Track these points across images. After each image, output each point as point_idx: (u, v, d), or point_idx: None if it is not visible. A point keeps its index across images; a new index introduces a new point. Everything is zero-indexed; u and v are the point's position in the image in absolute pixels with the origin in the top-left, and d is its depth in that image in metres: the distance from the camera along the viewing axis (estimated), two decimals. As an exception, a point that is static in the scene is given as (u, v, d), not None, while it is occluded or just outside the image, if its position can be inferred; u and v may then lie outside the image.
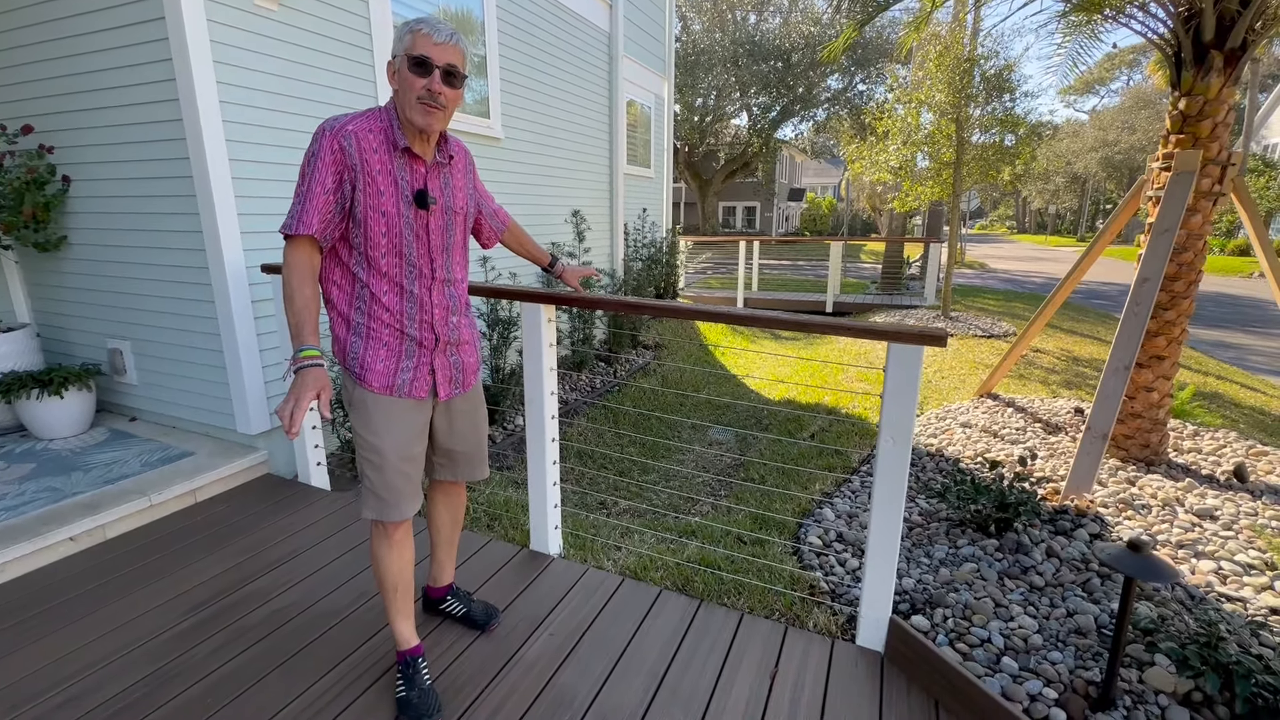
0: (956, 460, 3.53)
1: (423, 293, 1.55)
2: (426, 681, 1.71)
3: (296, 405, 1.32)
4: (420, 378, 1.58)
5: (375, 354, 1.52)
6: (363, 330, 1.52)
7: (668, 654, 1.95)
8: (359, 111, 1.48)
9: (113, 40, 2.78)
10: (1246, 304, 12.36)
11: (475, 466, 1.82)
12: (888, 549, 1.87)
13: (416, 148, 1.48)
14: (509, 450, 4.02)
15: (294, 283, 1.42)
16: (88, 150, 3.05)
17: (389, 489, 1.56)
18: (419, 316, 1.55)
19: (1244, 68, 2.95)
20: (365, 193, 1.43)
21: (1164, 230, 3.00)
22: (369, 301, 1.51)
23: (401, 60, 1.42)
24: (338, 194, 1.42)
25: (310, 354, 1.38)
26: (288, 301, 1.42)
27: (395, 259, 1.49)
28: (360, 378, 1.53)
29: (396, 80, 1.44)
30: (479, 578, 2.32)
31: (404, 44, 1.42)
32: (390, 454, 1.55)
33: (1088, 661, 1.84)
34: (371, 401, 1.53)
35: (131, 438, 3.17)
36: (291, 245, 1.43)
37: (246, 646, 1.93)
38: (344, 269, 1.52)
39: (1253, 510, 2.80)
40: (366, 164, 1.42)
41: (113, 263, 3.17)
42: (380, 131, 1.45)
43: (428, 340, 1.57)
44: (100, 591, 2.17)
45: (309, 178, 1.41)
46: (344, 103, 3.35)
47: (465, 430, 1.75)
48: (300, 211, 1.41)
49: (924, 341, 1.73)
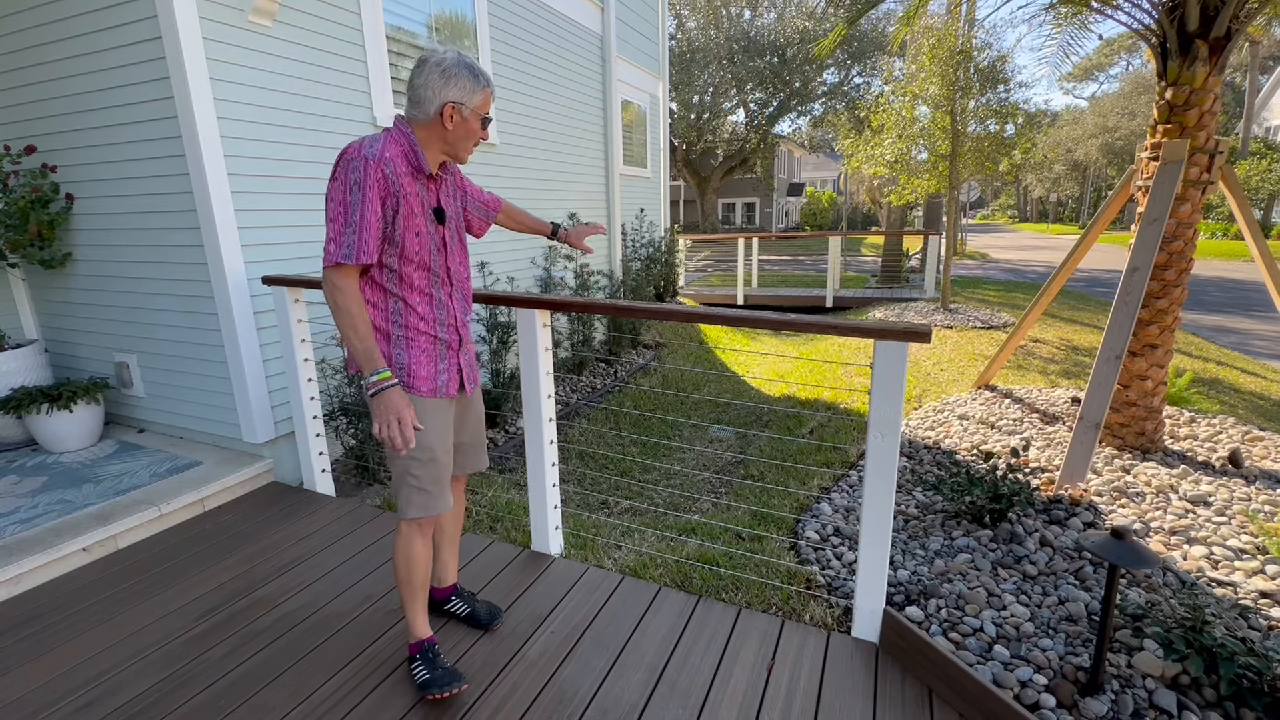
0: (953, 453, 3.57)
1: (447, 299, 1.69)
2: (446, 663, 1.79)
3: (402, 424, 1.48)
4: (452, 377, 1.72)
5: (419, 360, 1.64)
6: (402, 341, 1.63)
7: (666, 649, 1.99)
8: (381, 136, 1.53)
9: (110, 60, 2.84)
10: (1250, 288, 12.33)
11: (479, 456, 1.95)
12: (880, 541, 1.91)
13: (433, 170, 1.61)
14: (510, 453, 4.07)
15: (354, 309, 1.50)
16: (90, 169, 3.11)
17: (436, 482, 1.68)
18: (447, 320, 1.69)
19: (1229, 56, 2.97)
20: (403, 215, 1.53)
21: (1153, 220, 3.03)
22: (404, 313, 1.62)
23: (472, 114, 1.55)
24: (382, 219, 1.51)
25: (386, 375, 1.50)
26: (351, 330, 1.49)
27: (424, 271, 1.62)
28: (410, 385, 1.63)
29: (455, 123, 1.54)
30: (482, 578, 2.37)
31: (475, 100, 1.54)
32: (438, 450, 1.68)
33: (1078, 648, 1.88)
34: (420, 405, 1.64)
35: (140, 449, 3.23)
36: (344, 273, 1.50)
37: (257, 650, 1.99)
38: (375, 287, 1.60)
39: (1246, 496, 2.83)
40: (403, 189, 1.52)
41: (117, 278, 3.23)
42: (403, 157, 1.54)
43: (454, 341, 1.72)
44: (113, 600, 2.22)
45: (359, 206, 1.46)
46: (340, 114, 3.40)
47: (472, 421, 1.89)
48: (358, 241, 1.47)
49: (909, 338, 1.77)
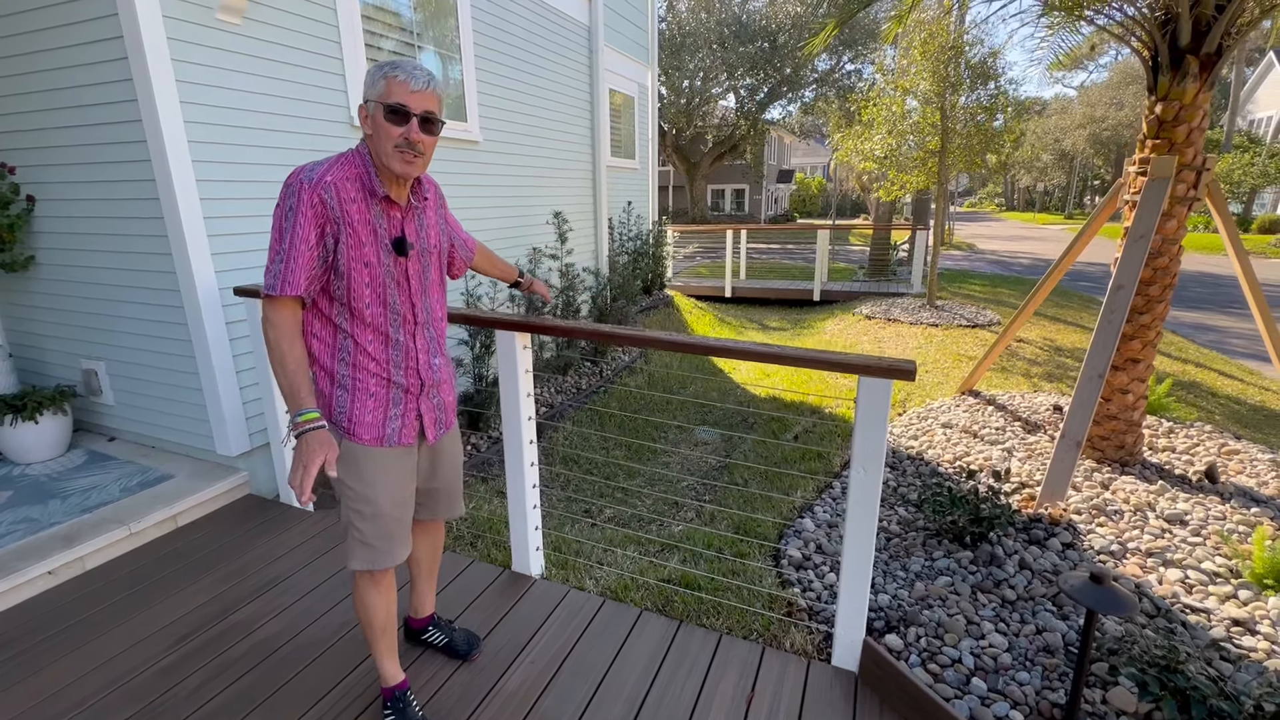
0: (935, 465, 3.58)
1: (407, 339, 1.53)
2: (418, 713, 1.75)
3: (305, 473, 1.31)
4: (408, 424, 1.57)
5: (363, 406, 1.50)
6: (348, 382, 1.49)
7: (647, 678, 1.98)
8: (332, 159, 1.42)
9: (69, 59, 2.71)
10: (1228, 284, 12.50)
11: (454, 503, 1.83)
12: (861, 573, 1.91)
13: (393, 193, 1.44)
14: (494, 457, 4.03)
15: (284, 345, 1.38)
16: (52, 170, 2.98)
17: (383, 537, 1.56)
18: (404, 363, 1.54)
19: (1219, 74, 2.95)
20: (347, 244, 1.39)
21: (1139, 236, 3.02)
22: (353, 352, 1.48)
23: (376, 107, 1.36)
24: (320, 248, 1.38)
25: (310, 416, 1.36)
26: (278, 365, 1.38)
27: (379, 308, 1.47)
28: (349, 432, 1.50)
29: (370, 126, 1.39)
30: (461, 601, 2.34)
31: (378, 90, 1.36)
32: (385, 503, 1.54)
33: (1054, 682, 1.90)
34: (362, 454, 1.51)
35: (110, 460, 3.15)
36: (275, 305, 1.38)
37: (231, 681, 1.95)
38: (324, 321, 1.48)
39: (1221, 515, 2.87)
40: (347, 215, 1.38)
41: (84, 283, 3.12)
42: (356, 179, 1.40)
43: (413, 386, 1.56)
44: (80, 628, 2.17)
45: (290, 234, 1.35)
46: (316, 114, 3.28)
47: (447, 468, 1.76)
48: (284, 271, 1.35)
49: (893, 375, 1.75)
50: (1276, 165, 20.26)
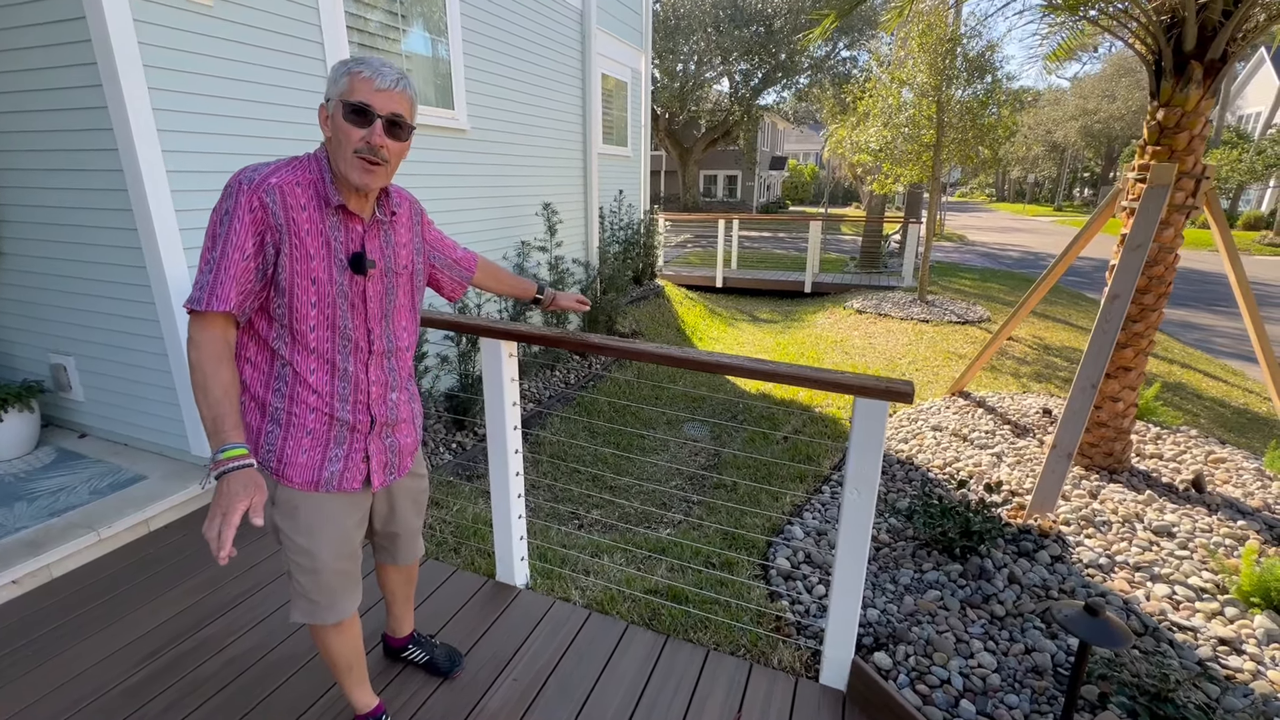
0: (926, 471, 3.56)
1: (358, 369, 1.35)
2: None
3: (225, 522, 1.10)
4: (352, 467, 1.38)
5: (297, 444, 1.32)
6: (281, 416, 1.31)
7: (633, 697, 1.95)
8: (283, 160, 1.26)
9: (28, 39, 2.56)
10: (1214, 281, 12.61)
11: (413, 547, 1.69)
12: (852, 592, 1.87)
13: (352, 205, 1.28)
14: (479, 456, 3.96)
15: (207, 368, 1.18)
16: (15, 157, 2.84)
17: (324, 591, 1.40)
18: (352, 397, 1.35)
19: (1222, 81, 2.89)
20: (291, 257, 1.21)
21: (1137, 246, 2.98)
22: (291, 382, 1.29)
23: (336, 106, 1.20)
24: (258, 259, 1.20)
25: (235, 453, 1.16)
26: (200, 391, 1.18)
27: (326, 332, 1.28)
28: (277, 473, 1.32)
29: (329, 128, 1.23)
30: (444, 614, 2.28)
31: (339, 87, 1.20)
32: (325, 556, 1.38)
33: (1043, 706, 1.88)
34: (301, 500, 1.35)
35: (80, 459, 3.04)
36: (201, 322, 1.19)
37: (202, 701, 1.88)
38: (260, 344, 1.29)
39: (1208, 527, 2.87)
40: (293, 223, 1.20)
41: (51, 275, 2.99)
42: (309, 185, 1.24)
43: (362, 424, 1.38)
44: (44, 641, 2.09)
45: (223, 241, 1.17)
46: (295, 102, 3.15)
47: (406, 512, 1.60)
48: (212, 283, 1.17)
49: (890, 397, 1.69)
50: (1264, 162, 20.39)
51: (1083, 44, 4.13)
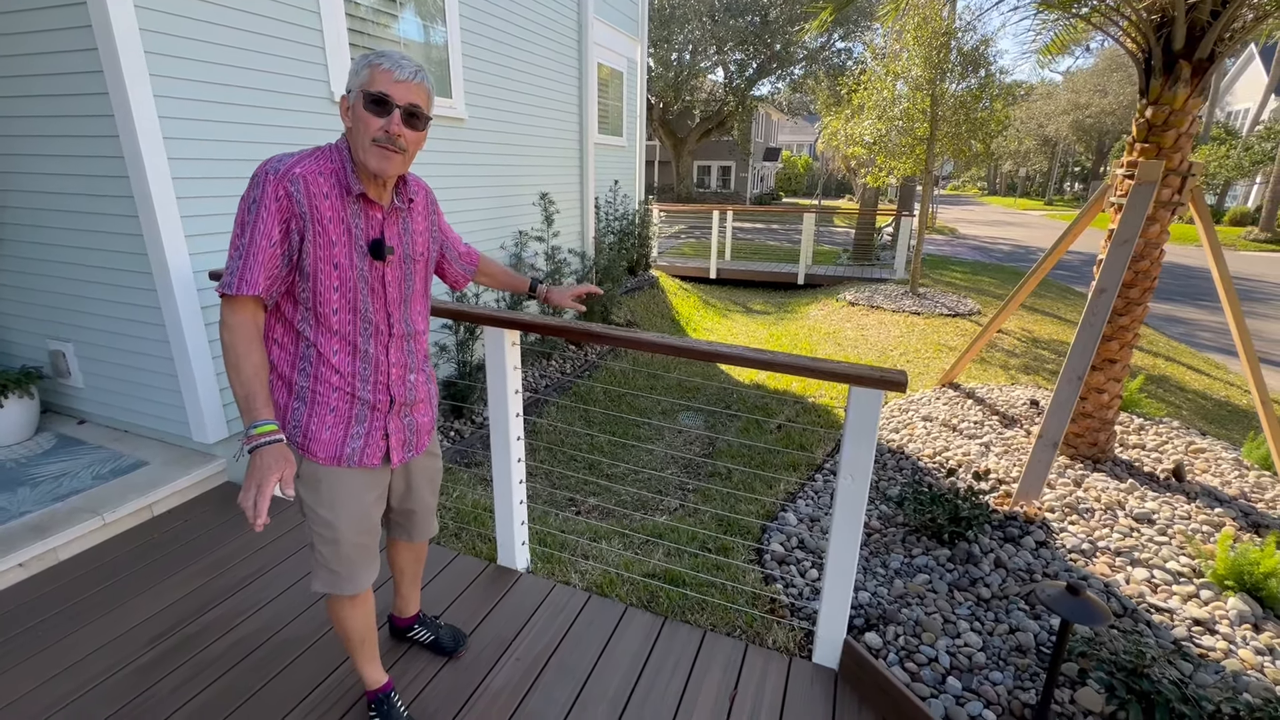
0: (916, 460, 3.65)
1: (378, 351, 1.42)
2: (403, 713, 1.74)
3: (259, 493, 1.20)
4: (372, 444, 1.46)
5: (321, 421, 1.39)
6: (306, 395, 1.38)
7: (631, 677, 2.01)
8: (306, 150, 1.33)
9: (26, 23, 2.55)
10: (1199, 276, 12.79)
11: (428, 525, 1.76)
12: (845, 575, 1.94)
13: (372, 193, 1.34)
14: (477, 445, 4.00)
15: (240, 348, 1.27)
16: (13, 142, 2.83)
17: (344, 562, 1.48)
18: (373, 377, 1.43)
19: (1210, 80, 2.96)
20: (315, 243, 1.28)
21: (1124, 241, 3.05)
22: (315, 363, 1.37)
23: (357, 97, 1.27)
24: (284, 245, 1.27)
25: (266, 429, 1.25)
26: (233, 370, 1.27)
27: (348, 315, 1.36)
28: (303, 448, 1.40)
29: (350, 118, 1.30)
30: (447, 596, 2.33)
31: (360, 79, 1.27)
32: (345, 528, 1.46)
33: (1025, 682, 1.96)
34: (323, 474, 1.42)
35: (80, 445, 3.06)
36: (232, 305, 1.28)
37: (211, 680, 1.92)
38: (287, 326, 1.37)
39: (1186, 514, 2.97)
40: (316, 211, 1.27)
41: (50, 262, 2.99)
42: (331, 174, 1.30)
43: (382, 403, 1.45)
44: (52, 623, 2.12)
45: (250, 228, 1.25)
46: (295, 90, 3.15)
47: (423, 490, 1.68)
48: (242, 268, 1.25)
49: (884, 386, 1.75)
50: (1251, 158, 20.62)
51: (1076, 39, 4.19)
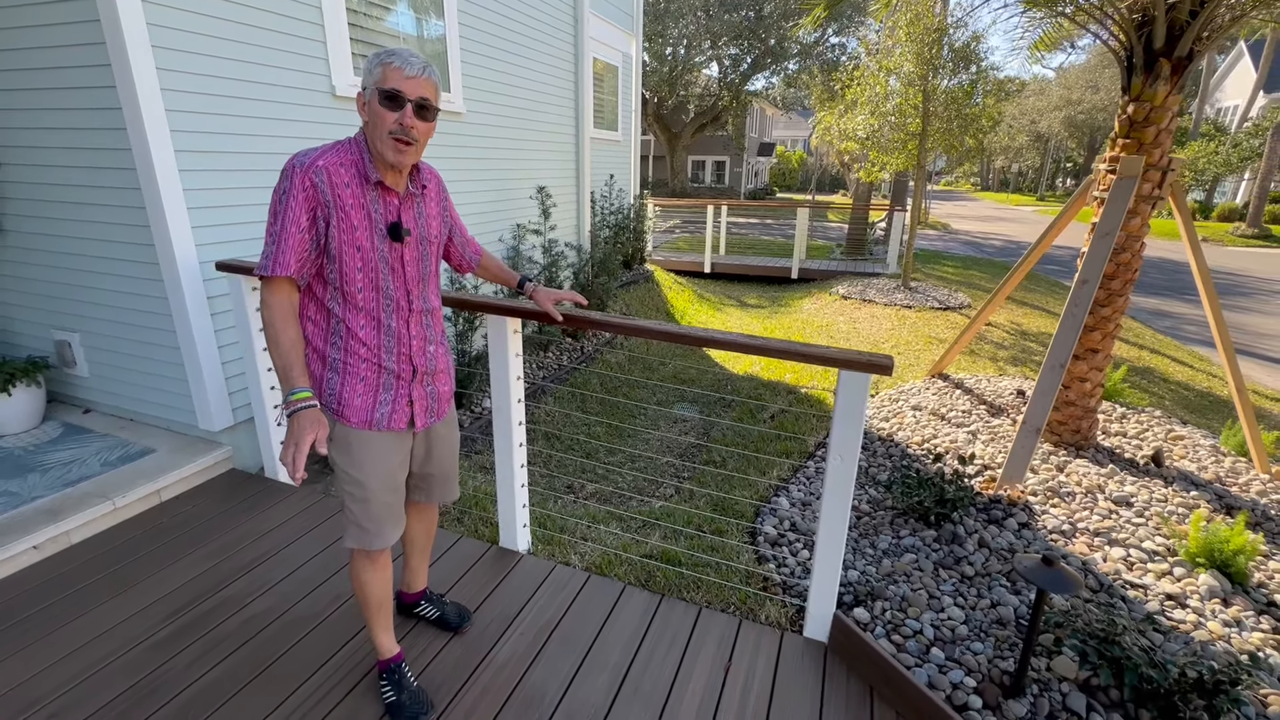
0: (905, 447, 3.75)
1: (400, 325, 1.56)
2: (413, 683, 1.83)
3: (298, 450, 1.35)
4: (399, 410, 1.60)
5: (353, 389, 1.54)
6: (339, 366, 1.53)
7: (630, 650, 2.10)
8: (329, 144, 1.46)
9: (34, 17, 2.59)
10: (1187, 270, 12.96)
11: (449, 488, 1.89)
12: (834, 552, 2.03)
13: (389, 180, 1.48)
14: (477, 434, 4.07)
15: (278, 324, 1.43)
16: (19, 134, 2.87)
17: (373, 519, 1.61)
18: (396, 349, 1.57)
19: (1189, 78, 3.05)
20: (339, 228, 1.42)
21: (1105, 234, 3.15)
22: (345, 336, 1.52)
23: (372, 93, 1.40)
24: (312, 231, 1.42)
25: (302, 395, 1.41)
26: (272, 344, 1.43)
27: (372, 293, 1.50)
28: (338, 414, 1.54)
29: (367, 113, 1.43)
30: (451, 577, 2.41)
31: (374, 77, 1.40)
32: (374, 487, 1.59)
33: (1004, 652, 2.06)
34: (354, 437, 1.56)
35: (87, 433, 3.12)
36: (270, 286, 1.43)
37: (225, 655, 2.00)
38: (319, 304, 1.52)
39: (1163, 497, 3.08)
40: (339, 199, 1.41)
41: (56, 253, 3.04)
42: (351, 165, 1.44)
43: (405, 372, 1.59)
44: (70, 602, 2.19)
45: (281, 216, 1.40)
46: (297, 84, 3.20)
47: (442, 455, 1.80)
48: (276, 252, 1.40)
49: (872, 370, 1.84)
50: (1239, 154, 20.85)
51: (1065, 36, 4.28)
